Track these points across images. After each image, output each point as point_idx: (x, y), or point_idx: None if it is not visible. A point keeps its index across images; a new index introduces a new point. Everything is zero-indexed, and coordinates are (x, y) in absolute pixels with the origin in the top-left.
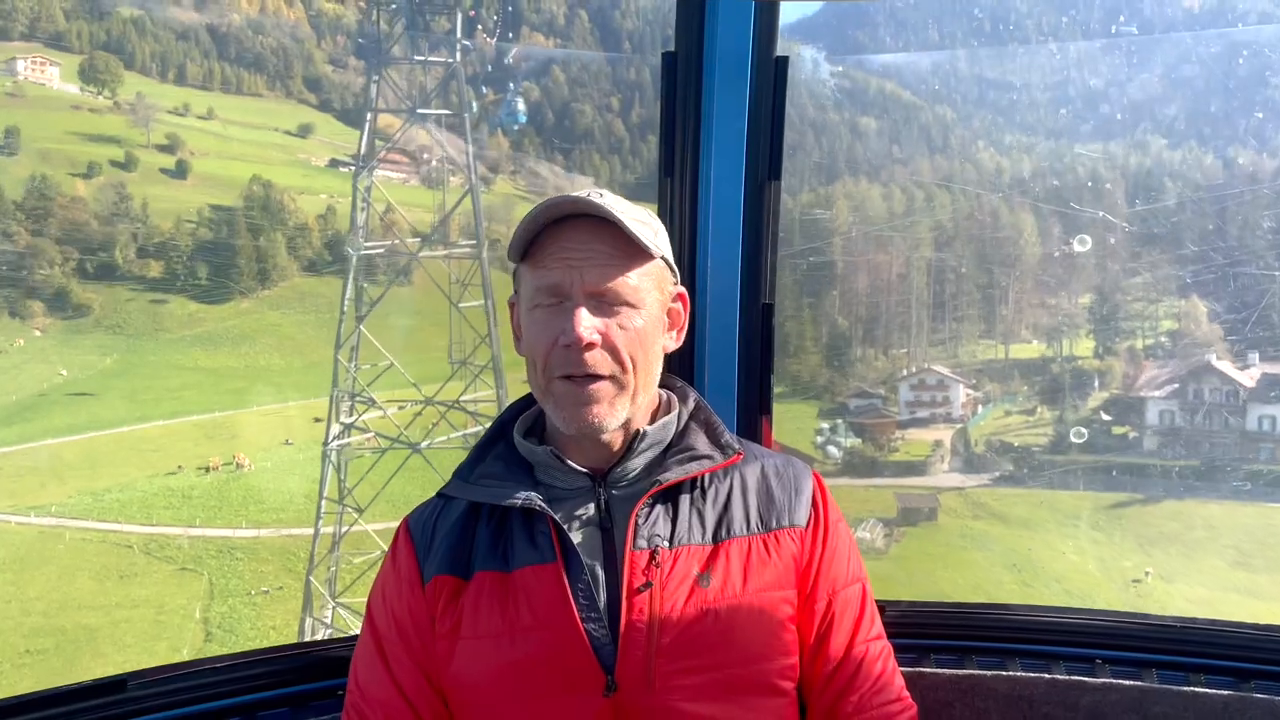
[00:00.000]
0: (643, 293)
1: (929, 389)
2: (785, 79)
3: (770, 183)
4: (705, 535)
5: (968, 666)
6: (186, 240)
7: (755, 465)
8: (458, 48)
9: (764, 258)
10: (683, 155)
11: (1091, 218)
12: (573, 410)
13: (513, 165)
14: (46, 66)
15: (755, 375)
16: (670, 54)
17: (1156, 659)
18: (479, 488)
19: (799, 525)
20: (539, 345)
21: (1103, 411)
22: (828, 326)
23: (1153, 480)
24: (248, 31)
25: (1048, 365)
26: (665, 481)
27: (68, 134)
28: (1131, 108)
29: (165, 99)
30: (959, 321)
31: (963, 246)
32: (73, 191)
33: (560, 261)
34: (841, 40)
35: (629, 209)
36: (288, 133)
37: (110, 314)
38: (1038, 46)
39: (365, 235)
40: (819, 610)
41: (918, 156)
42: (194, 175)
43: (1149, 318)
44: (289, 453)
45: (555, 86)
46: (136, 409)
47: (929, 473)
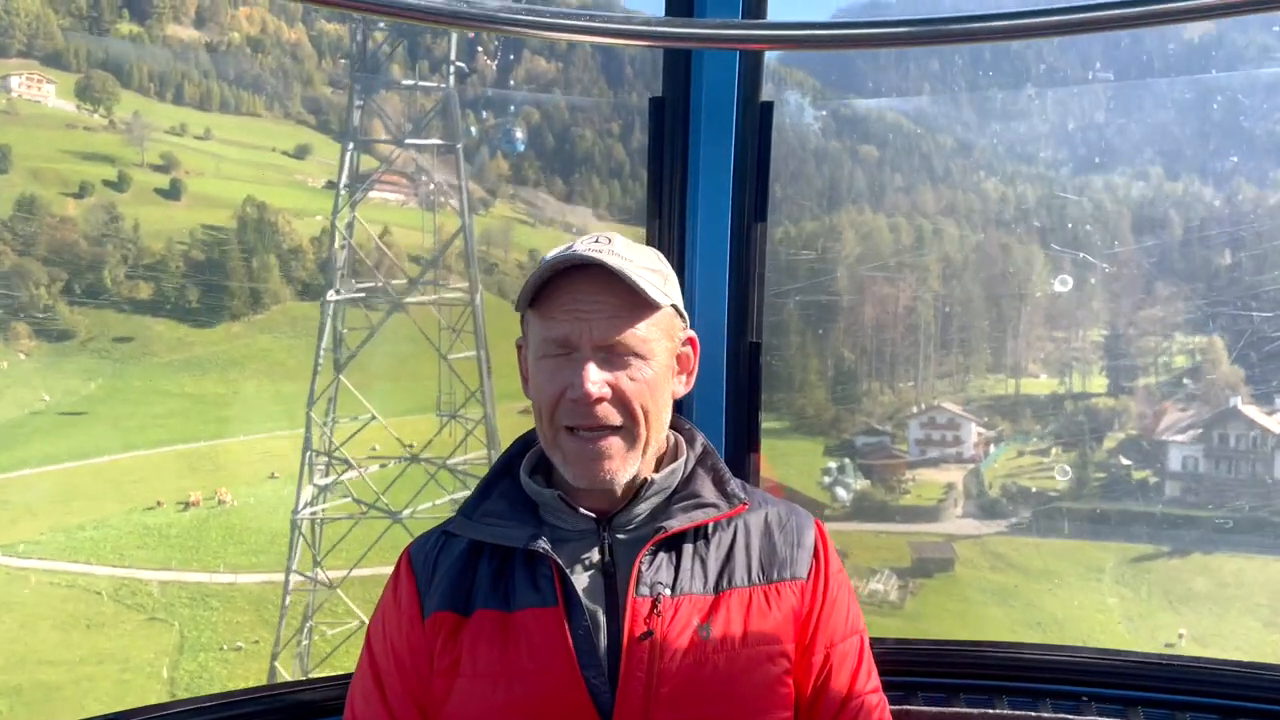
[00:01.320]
0: (652, 343)
1: (939, 427)
2: (770, 124)
3: (756, 224)
4: (707, 585)
5: (955, 705)
6: (178, 262)
7: (759, 514)
8: (451, 71)
9: (751, 297)
10: (670, 198)
11: (1098, 250)
12: (583, 466)
13: (511, 189)
14: (42, 84)
15: (744, 412)
16: (658, 99)
17: (1143, 696)
18: (483, 526)
19: (800, 577)
20: (546, 396)
21: (1121, 455)
22: (833, 360)
23: (1178, 531)
24: (246, 51)
25: (1060, 403)
26: (670, 529)
27: (61, 153)
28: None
29: (162, 118)
30: (966, 354)
31: (970, 279)
32: (63, 211)
33: (569, 314)
34: (827, 83)
35: (638, 256)
36: (285, 153)
37: (97, 337)
38: (1016, 93)
39: (348, 273)
40: (816, 663)
41: (918, 185)
42: (188, 195)
43: (1161, 353)
44: (274, 487)
45: (555, 111)
46: (119, 437)
47: (942, 518)
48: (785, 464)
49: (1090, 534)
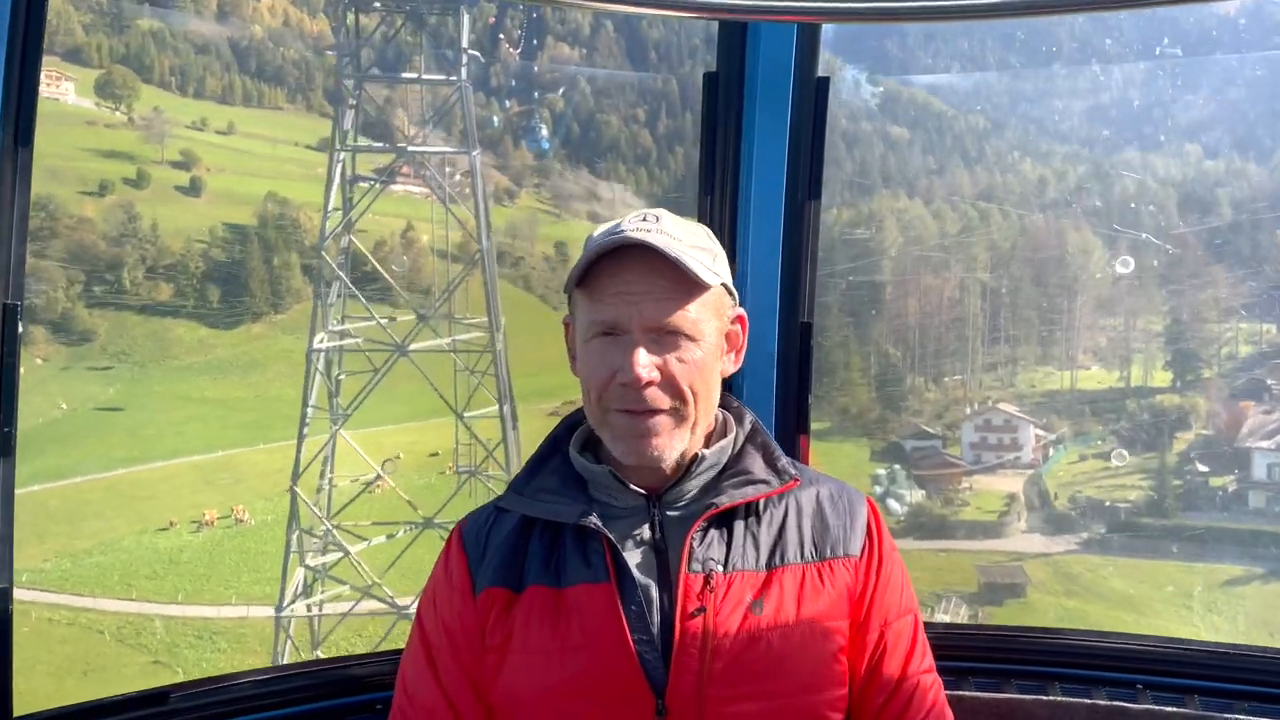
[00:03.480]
0: (702, 324)
1: (995, 430)
2: (826, 100)
3: (810, 202)
4: (759, 561)
5: (1007, 690)
6: (197, 262)
7: (810, 491)
8: (464, 62)
9: (803, 276)
10: (723, 174)
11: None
12: (632, 443)
13: (537, 179)
14: (61, 81)
15: (794, 393)
16: (712, 74)
17: (1200, 685)
18: (535, 502)
19: (853, 555)
20: (596, 378)
21: (1197, 461)
22: (876, 354)
23: (1267, 549)
24: (269, 44)
25: (1121, 401)
26: (720, 506)
27: (80, 150)
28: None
29: (183, 113)
30: (1013, 345)
31: (1018, 267)
32: (80, 211)
33: (617, 296)
34: (882, 60)
35: (686, 234)
36: (308, 147)
37: (116, 340)
38: (1080, 67)
39: (342, 307)
40: (871, 641)
41: (953, 168)
42: (209, 192)
43: (1226, 343)
44: None
45: (581, 98)
46: (136, 447)
47: (1005, 534)
48: (829, 469)
49: (1171, 552)
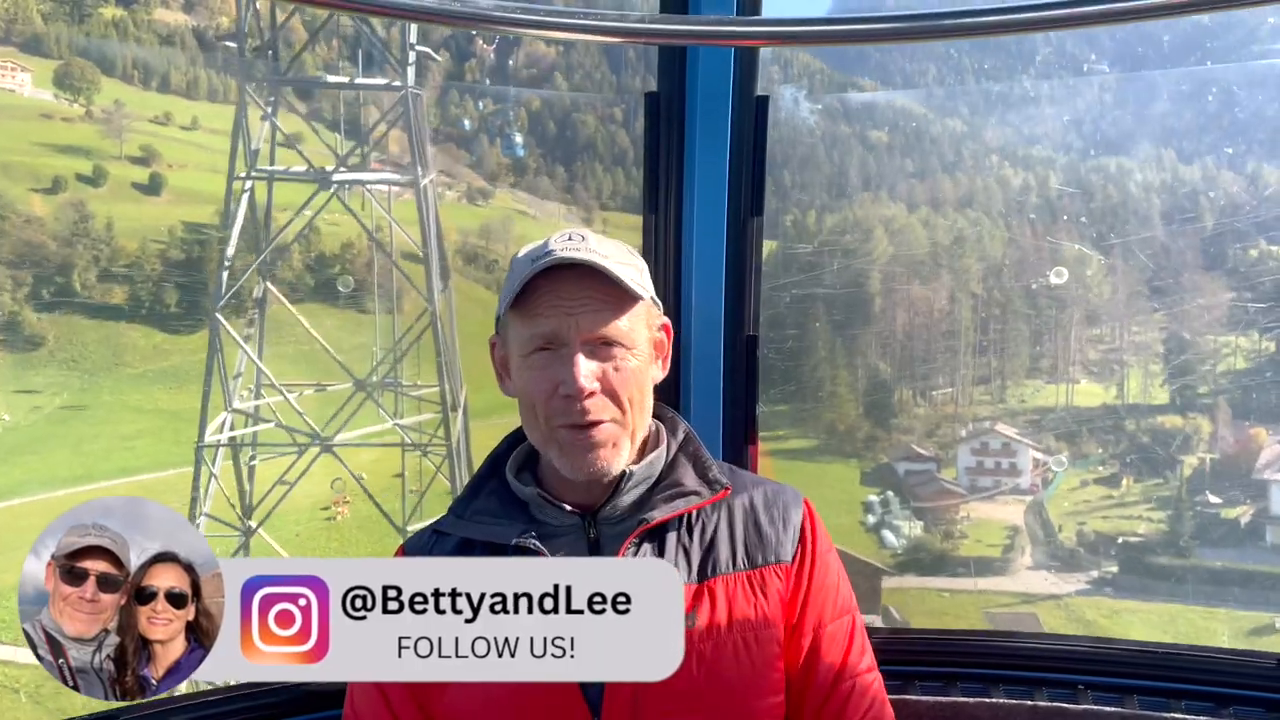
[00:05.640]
0: (634, 334)
1: (992, 454)
2: (766, 118)
3: (753, 218)
4: (691, 574)
5: (951, 694)
6: (154, 263)
7: (743, 497)
8: (411, 63)
9: (747, 290)
10: (666, 193)
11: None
12: (579, 458)
13: (512, 177)
14: (17, 72)
15: (741, 405)
16: (654, 94)
17: (1138, 684)
18: (473, 524)
19: (785, 560)
20: (537, 394)
21: (1208, 491)
22: (864, 369)
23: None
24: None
25: (1119, 420)
26: (652, 520)
27: (34, 145)
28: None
29: (145, 107)
30: (1002, 358)
31: (1007, 275)
32: (29, 209)
33: (555, 309)
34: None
35: (614, 251)
36: (278, 144)
37: (66, 346)
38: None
39: (255, 376)
40: (806, 645)
41: (932, 174)
42: (169, 190)
43: (1224, 358)
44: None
45: (556, 97)
46: (80, 464)
47: (1010, 570)
48: (817, 495)
49: (1188, 594)
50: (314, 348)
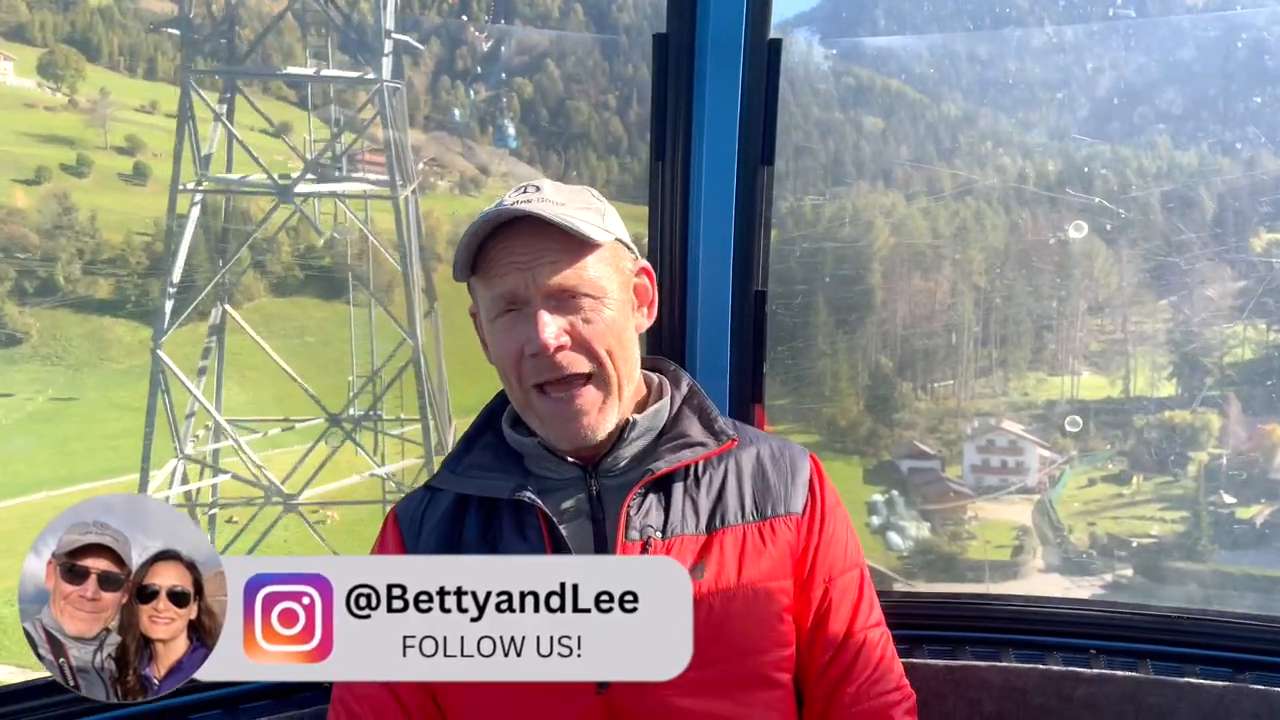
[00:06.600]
0: (602, 280)
1: (999, 452)
2: (779, 62)
3: (763, 167)
4: (699, 525)
5: (961, 657)
6: (139, 255)
7: (750, 450)
8: (387, 52)
9: (756, 243)
10: (674, 140)
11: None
12: (561, 426)
13: (505, 166)
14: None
15: (748, 361)
16: (662, 36)
17: (1152, 649)
18: (468, 479)
19: (795, 513)
20: (508, 355)
21: (1223, 491)
22: (864, 361)
23: None
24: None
25: (1126, 415)
26: (657, 471)
27: (17, 135)
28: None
29: (131, 96)
30: (1003, 347)
31: (1013, 264)
32: (11, 201)
33: (509, 266)
34: (835, 24)
35: (570, 198)
36: (264, 132)
37: (49, 341)
38: (1034, 30)
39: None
40: (815, 598)
41: (929, 159)
42: (154, 180)
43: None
44: (232, 531)
45: (550, 83)
46: (62, 465)
47: (1022, 573)
48: None
49: (1213, 600)
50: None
